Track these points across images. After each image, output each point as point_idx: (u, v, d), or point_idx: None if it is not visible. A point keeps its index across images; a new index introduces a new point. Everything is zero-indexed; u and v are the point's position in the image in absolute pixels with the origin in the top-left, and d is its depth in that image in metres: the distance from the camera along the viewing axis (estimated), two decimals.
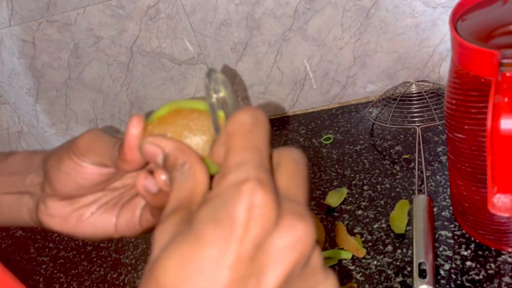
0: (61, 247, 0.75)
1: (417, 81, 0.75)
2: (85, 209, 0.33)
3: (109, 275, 0.67)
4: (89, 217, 0.33)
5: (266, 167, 0.21)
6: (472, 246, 0.52)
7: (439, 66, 0.75)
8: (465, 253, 0.51)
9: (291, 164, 0.23)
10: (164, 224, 0.22)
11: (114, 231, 0.33)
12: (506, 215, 0.38)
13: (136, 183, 0.28)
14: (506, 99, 0.35)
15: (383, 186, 0.63)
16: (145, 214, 0.32)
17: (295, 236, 0.20)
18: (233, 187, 0.20)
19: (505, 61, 0.35)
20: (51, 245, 0.76)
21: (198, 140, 0.26)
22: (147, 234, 0.33)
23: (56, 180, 0.31)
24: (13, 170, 0.35)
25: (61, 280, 0.69)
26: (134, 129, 0.27)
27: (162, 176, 0.26)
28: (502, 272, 0.49)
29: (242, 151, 0.21)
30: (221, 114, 0.25)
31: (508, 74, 0.35)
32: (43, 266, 0.72)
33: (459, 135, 0.45)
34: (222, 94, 0.24)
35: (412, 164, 0.65)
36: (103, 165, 0.30)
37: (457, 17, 0.43)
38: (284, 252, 0.20)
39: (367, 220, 0.59)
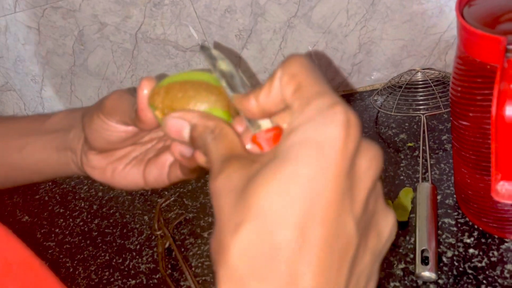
0: (67, 232, 0.75)
1: (423, 69, 0.74)
2: (118, 163, 0.36)
3: (114, 260, 0.67)
4: (122, 170, 0.36)
5: None
6: (475, 233, 0.52)
7: (446, 54, 0.74)
8: (468, 240, 0.51)
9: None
10: (223, 174, 0.22)
11: (144, 184, 0.36)
12: (509, 202, 0.39)
13: (172, 148, 0.30)
14: (511, 86, 0.35)
15: (387, 174, 0.63)
16: (174, 170, 0.34)
17: (372, 155, 0.22)
18: (324, 110, 0.20)
19: (511, 47, 0.35)
20: (57, 230, 0.77)
21: (204, 107, 0.27)
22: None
23: (88, 136, 0.35)
24: (57, 128, 0.40)
25: (67, 264, 0.70)
26: (145, 91, 0.29)
27: (178, 146, 0.29)
28: (505, 259, 0.49)
29: (318, 84, 0.22)
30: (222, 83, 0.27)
31: None
32: (49, 251, 0.73)
33: (464, 123, 0.45)
34: (222, 67, 0.27)
35: (417, 152, 0.65)
36: (127, 124, 0.33)
37: (463, 3, 0.42)
38: (366, 169, 0.21)
39: None
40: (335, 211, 0.20)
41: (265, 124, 0.24)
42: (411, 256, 0.52)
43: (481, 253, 0.50)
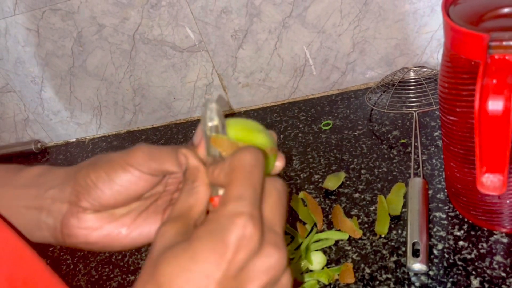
0: None
1: (415, 67, 0.76)
2: (125, 218, 0.34)
3: (113, 256, 0.69)
4: (131, 225, 0.34)
5: (258, 204, 0.26)
6: (465, 226, 0.53)
7: (437, 52, 0.75)
8: (458, 233, 0.53)
9: (274, 194, 0.28)
10: (165, 228, 0.27)
11: None
12: (494, 193, 0.40)
13: None
14: (494, 81, 0.36)
15: (380, 170, 0.65)
16: None
17: (271, 263, 0.25)
18: (229, 217, 0.24)
19: (493, 43, 0.36)
20: None
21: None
22: None
23: (104, 192, 0.32)
24: (31, 183, 0.35)
25: (68, 261, 0.71)
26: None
27: None
28: (493, 251, 0.50)
29: (241, 187, 0.26)
30: (216, 136, 0.30)
31: (496, 57, 0.36)
32: (50, 249, 0.74)
33: (452, 118, 0.46)
34: (215, 122, 0.30)
35: (409, 148, 0.66)
36: (160, 173, 0.33)
37: (449, 2, 0.44)
38: (260, 274, 0.25)
39: (364, 202, 0.61)
40: None
41: (221, 191, 0.29)
42: (403, 249, 0.54)
43: (470, 245, 0.51)
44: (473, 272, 0.49)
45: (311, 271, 0.55)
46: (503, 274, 0.48)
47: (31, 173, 0.36)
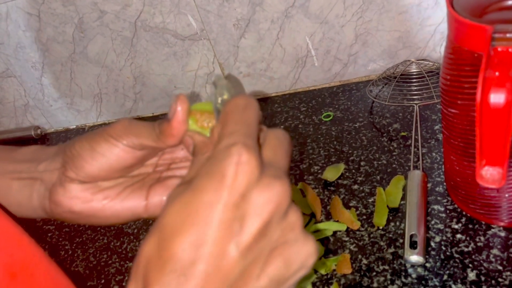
0: None
1: (417, 60, 0.75)
2: (110, 191, 0.35)
3: (112, 243, 0.69)
4: (116, 197, 0.35)
5: (253, 136, 0.26)
6: (463, 220, 0.53)
7: (440, 46, 0.75)
8: (456, 226, 0.53)
9: (274, 141, 0.28)
10: (177, 189, 0.26)
11: (144, 211, 0.35)
12: (494, 186, 0.40)
13: None
14: (496, 73, 0.36)
15: (379, 162, 0.65)
16: None
17: (271, 193, 0.24)
18: (224, 149, 0.24)
19: (496, 35, 0.36)
20: None
21: None
22: None
23: (87, 161, 0.33)
24: (25, 158, 0.37)
25: (66, 247, 0.71)
26: (181, 107, 0.32)
27: None
28: (490, 244, 0.50)
29: (234, 124, 0.26)
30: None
31: (499, 49, 0.36)
32: (49, 235, 0.75)
33: (453, 110, 0.46)
34: (225, 97, 0.30)
35: (409, 141, 0.66)
36: (139, 147, 0.33)
37: None
38: (262, 204, 0.24)
39: (363, 194, 0.61)
40: (218, 237, 0.23)
41: None
42: (401, 241, 0.54)
43: (468, 238, 0.51)
44: (470, 265, 0.49)
45: None
46: (500, 268, 0.48)
47: (27, 150, 0.38)
